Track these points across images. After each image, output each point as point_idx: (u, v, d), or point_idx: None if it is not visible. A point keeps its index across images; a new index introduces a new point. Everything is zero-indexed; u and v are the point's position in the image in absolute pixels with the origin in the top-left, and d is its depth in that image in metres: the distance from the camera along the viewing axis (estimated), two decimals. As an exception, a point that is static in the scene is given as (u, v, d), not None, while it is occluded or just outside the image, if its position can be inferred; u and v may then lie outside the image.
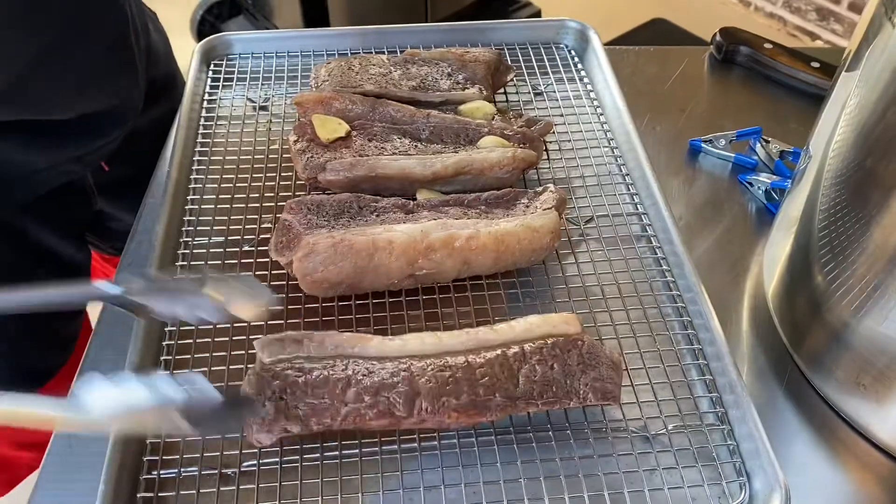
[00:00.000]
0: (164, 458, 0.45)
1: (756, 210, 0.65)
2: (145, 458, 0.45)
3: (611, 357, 0.48)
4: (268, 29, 1.93)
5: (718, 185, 0.67)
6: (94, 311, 0.82)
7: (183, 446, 0.46)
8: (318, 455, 0.45)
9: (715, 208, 0.65)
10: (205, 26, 2.06)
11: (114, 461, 0.43)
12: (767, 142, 0.68)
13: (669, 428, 0.48)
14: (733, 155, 0.68)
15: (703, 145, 0.69)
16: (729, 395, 0.48)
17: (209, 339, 0.51)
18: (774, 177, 0.65)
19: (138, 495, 0.44)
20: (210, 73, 0.73)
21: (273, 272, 0.55)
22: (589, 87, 0.72)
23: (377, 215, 0.53)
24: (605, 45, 0.73)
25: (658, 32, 1.85)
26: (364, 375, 0.44)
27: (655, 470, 0.45)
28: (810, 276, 0.52)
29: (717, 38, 0.80)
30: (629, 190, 0.63)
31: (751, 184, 0.66)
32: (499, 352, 0.46)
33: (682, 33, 1.86)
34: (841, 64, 0.50)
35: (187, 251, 0.57)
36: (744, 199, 0.66)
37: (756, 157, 0.69)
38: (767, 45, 0.77)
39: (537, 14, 2.07)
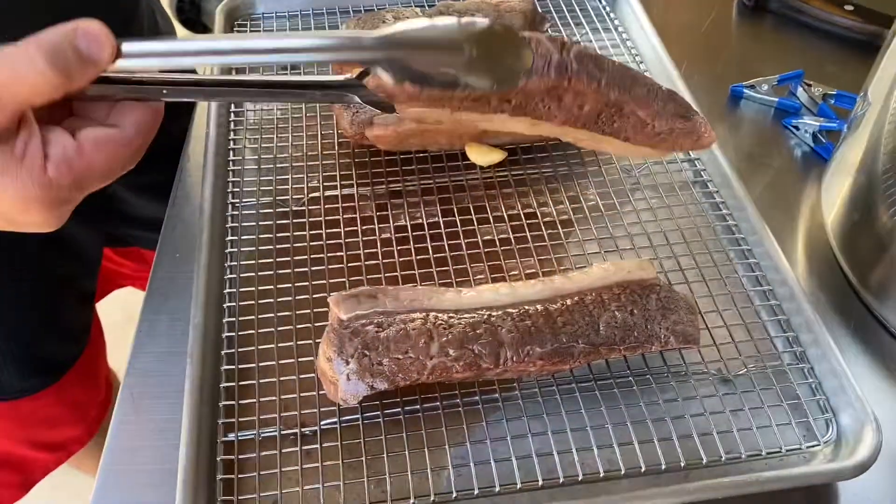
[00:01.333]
0: (241, 419, 0.44)
1: (803, 153, 0.64)
2: (220, 422, 0.44)
3: (687, 300, 0.47)
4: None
5: (763, 130, 0.66)
6: (102, 308, 0.79)
7: (258, 407, 0.45)
8: (399, 409, 0.44)
9: (763, 153, 0.64)
10: (184, 4, 2.01)
11: (192, 424, 0.42)
12: (809, 85, 0.68)
13: (750, 368, 0.47)
14: (776, 99, 0.67)
15: (745, 91, 0.68)
16: (806, 333, 0.48)
17: (272, 300, 0.49)
18: (821, 119, 0.65)
19: (218, 458, 0.43)
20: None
21: (327, 231, 0.53)
22: (625, 35, 0.71)
23: None
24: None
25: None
26: (445, 329, 0.43)
27: (742, 410, 0.45)
28: (876, 215, 0.51)
29: (747, -16, 0.78)
30: (678, 136, 0.62)
31: (797, 127, 0.65)
32: (577, 299, 0.45)
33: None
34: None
35: (236, 212, 0.55)
36: (790, 143, 0.65)
37: (798, 101, 0.68)
38: (799, -10, 0.76)
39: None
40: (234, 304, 0.49)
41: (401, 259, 0.52)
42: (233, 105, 0.63)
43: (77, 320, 0.71)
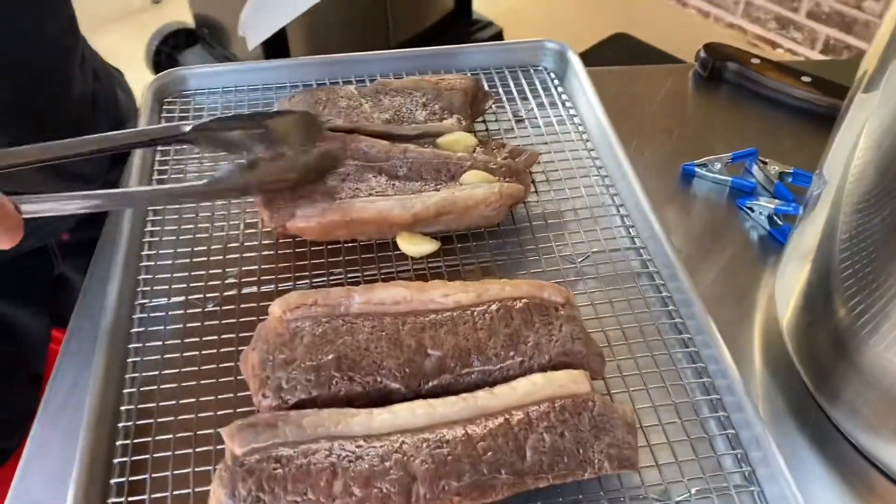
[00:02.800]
0: (123, 565, 0.39)
1: (759, 237, 0.61)
2: (101, 567, 0.39)
3: (625, 417, 0.43)
4: (226, 59, 1.87)
5: (716, 212, 0.63)
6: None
7: (145, 550, 0.40)
8: (301, 552, 0.40)
9: (715, 237, 0.61)
10: (160, 57, 1.99)
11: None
12: (765, 163, 0.65)
13: (693, 492, 0.43)
14: (730, 179, 0.64)
15: (696, 170, 0.65)
16: (755, 451, 0.44)
17: (172, 419, 0.45)
18: (776, 201, 0.61)
19: None
20: (164, 112, 0.67)
21: (240, 335, 0.49)
22: (572, 111, 0.68)
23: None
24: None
25: (621, 47, 1.83)
26: (351, 461, 0.38)
27: (683, 544, 0.41)
28: (833, 310, 0.47)
29: (702, 54, 0.76)
30: (624, 222, 0.58)
31: (751, 209, 0.62)
32: (501, 420, 0.41)
33: (645, 47, 1.85)
34: (856, 84, 0.46)
35: (144, 315, 0.51)
36: (745, 225, 0.62)
37: (754, 180, 0.65)
38: (755, 60, 0.74)
39: (500, 33, 2.04)
40: (129, 423, 0.45)
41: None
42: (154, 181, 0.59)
43: (24, 404, 0.67)
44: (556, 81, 0.71)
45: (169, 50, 2.00)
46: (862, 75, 0.45)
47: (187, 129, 0.51)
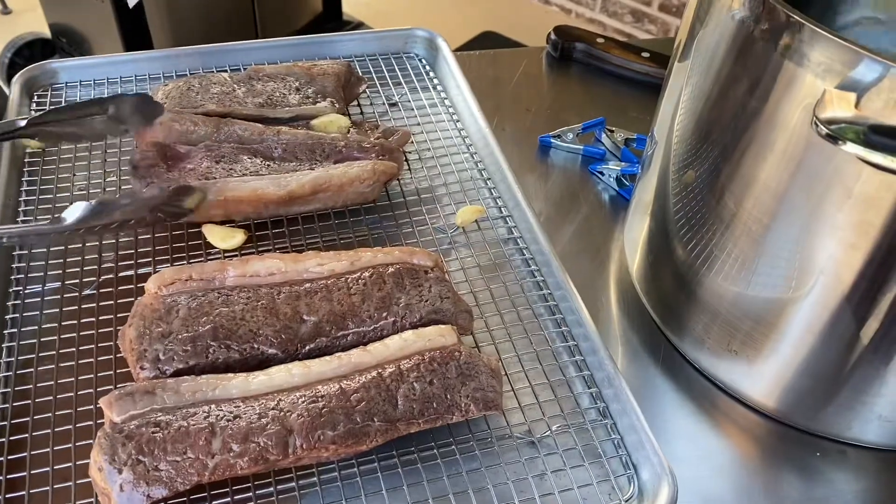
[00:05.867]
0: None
1: (610, 197, 0.67)
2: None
3: (489, 364, 0.47)
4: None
5: (571, 178, 0.69)
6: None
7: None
8: (186, 511, 0.41)
9: (571, 200, 0.66)
10: (15, 70, 1.89)
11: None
12: (612, 131, 0.71)
13: (554, 429, 0.47)
14: (582, 147, 0.70)
15: (552, 141, 0.71)
16: (608, 388, 0.48)
17: (50, 398, 0.45)
18: (623, 164, 0.68)
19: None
20: (34, 105, 0.66)
21: (119, 316, 0.50)
22: (443, 94, 0.71)
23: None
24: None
25: (489, 45, 1.90)
26: (229, 420, 0.40)
27: (545, 475, 0.45)
28: (671, 253, 0.53)
29: (553, 36, 0.82)
30: (492, 193, 0.62)
31: (602, 173, 0.68)
32: (374, 374, 0.44)
33: (512, 44, 1.92)
34: (672, 55, 0.52)
35: (18, 302, 0.51)
36: (597, 188, 0.68)
37: (603, 147, 0.71)
38: (600, 40, 0.80)
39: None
40: (6, 405, 0.45)
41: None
42: (25, 185, 0.59)
43: None
44: (428, 67, 0.74)
45: (24, 62, 1.90)
46: (677, 46, 0.51)
47: (23, 123, 0.55)
